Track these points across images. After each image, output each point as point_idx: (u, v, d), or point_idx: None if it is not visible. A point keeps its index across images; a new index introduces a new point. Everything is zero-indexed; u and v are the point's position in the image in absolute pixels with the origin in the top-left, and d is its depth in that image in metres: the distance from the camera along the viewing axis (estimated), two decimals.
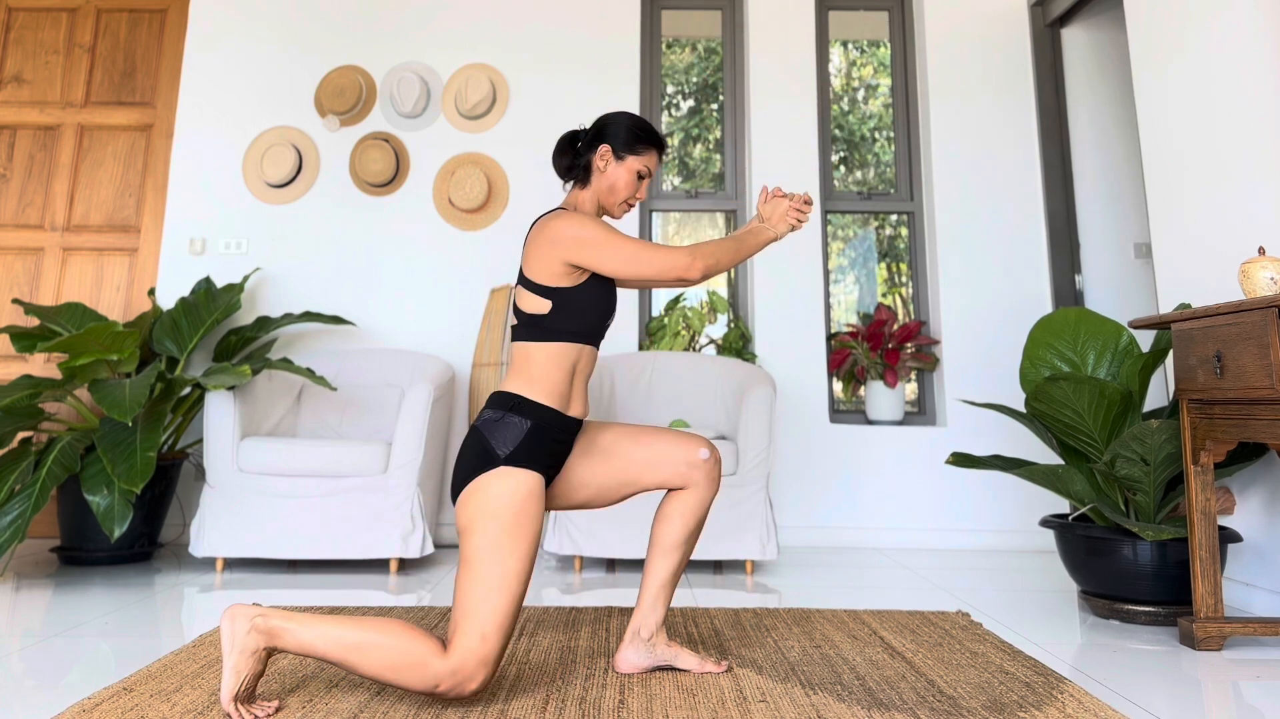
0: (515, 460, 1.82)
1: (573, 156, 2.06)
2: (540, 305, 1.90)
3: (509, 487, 1.80)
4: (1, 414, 3.16)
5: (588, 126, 2.08)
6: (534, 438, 1.85)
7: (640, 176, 2.03)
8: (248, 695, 1.70)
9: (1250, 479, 2.82)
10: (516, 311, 1.95)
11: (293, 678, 1.96)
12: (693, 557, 3.23)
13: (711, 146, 4.79)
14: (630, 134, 2.02)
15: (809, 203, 2.03)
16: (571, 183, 2.09)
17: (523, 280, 1.94)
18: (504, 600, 1.74)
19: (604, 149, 2.01)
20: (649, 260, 1.87)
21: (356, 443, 3.34)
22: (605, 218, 2.16)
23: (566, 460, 1.99)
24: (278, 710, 1.74)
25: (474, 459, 1.84)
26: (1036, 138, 4.34)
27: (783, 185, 4.27)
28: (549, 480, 1.94)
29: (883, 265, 4.84)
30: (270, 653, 1.70)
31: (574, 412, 1.95)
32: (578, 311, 1.91)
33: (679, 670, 2.03)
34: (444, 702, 1.80)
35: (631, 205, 2.06)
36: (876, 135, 4.83)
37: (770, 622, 2.51)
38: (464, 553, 1.79)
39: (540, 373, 1.90)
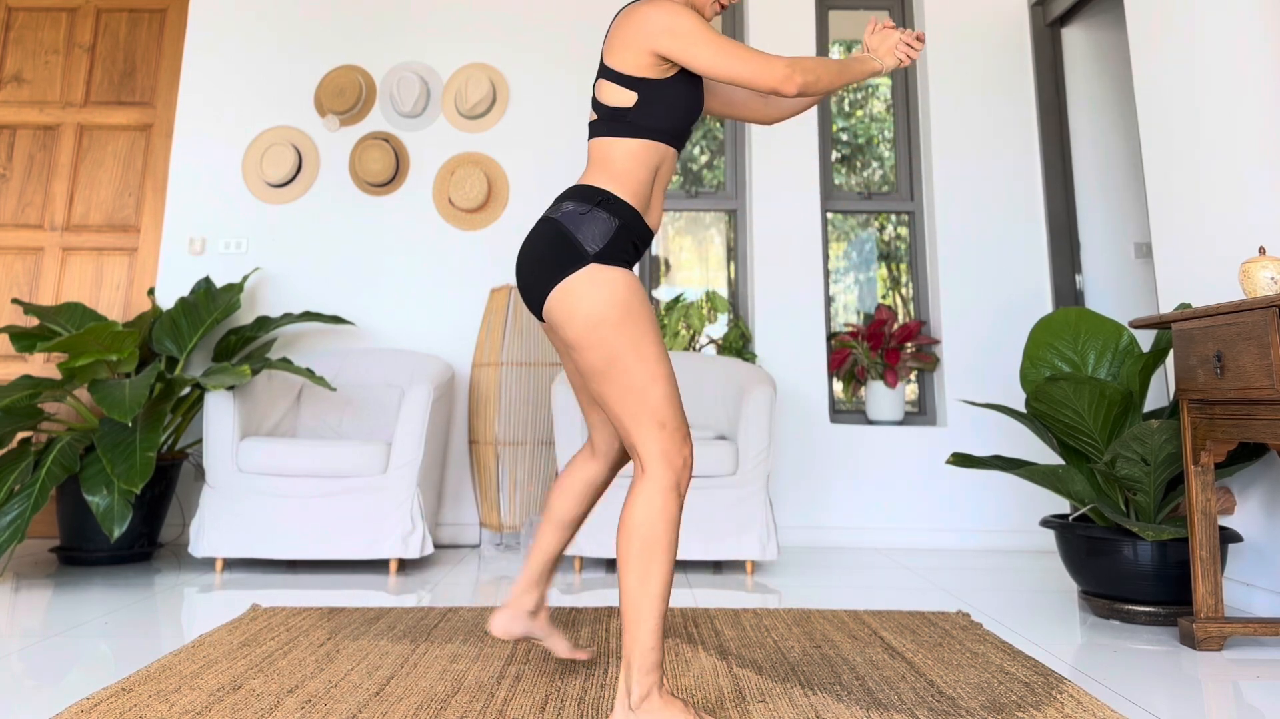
0: (605, 258, 1.67)
1: None
2: (624, 97, 1.73)
3: (609, 282, 1.66)
4: (1, 414, 3.16)
5: None
6: (620, 237, 1.70)
7: None
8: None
9: (1250, 479, 2.82)
10: (596, 105, 1.80)
11: (292, 678, 1.96)
12: (693, 556, 3.25)
13: (714, 154, 4.78)
14: None
15: (921, 39, 1.89)
16: None
17: (604, 71, 1.77)
18: (661, 384, 1.64)
19: None
20: (745, 61, 1.67)
21: (356, 443, 3.34)
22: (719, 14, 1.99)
23: None
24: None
25: (556, 256, 1.69)
26: (1036, 138, 4.34)
27: (783, 185, 4.29)
28: None
29: (883, 265, 4.84)
30: (668, 688, 1.64)
31: (651, 219, 1.80)
32: (665, 107, 1.74)
33: (546, 649, 2.03)
34: (452, 692, 1.80)
35: (726, 5, 1.88)
36: (877, 135, 4.83)
37: (770, 622, 2.51)
38: (592, 365, 1.65)
39: (623, 170, 1.74)
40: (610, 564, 3.51)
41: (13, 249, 4.24)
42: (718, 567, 3.48)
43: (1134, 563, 2.59)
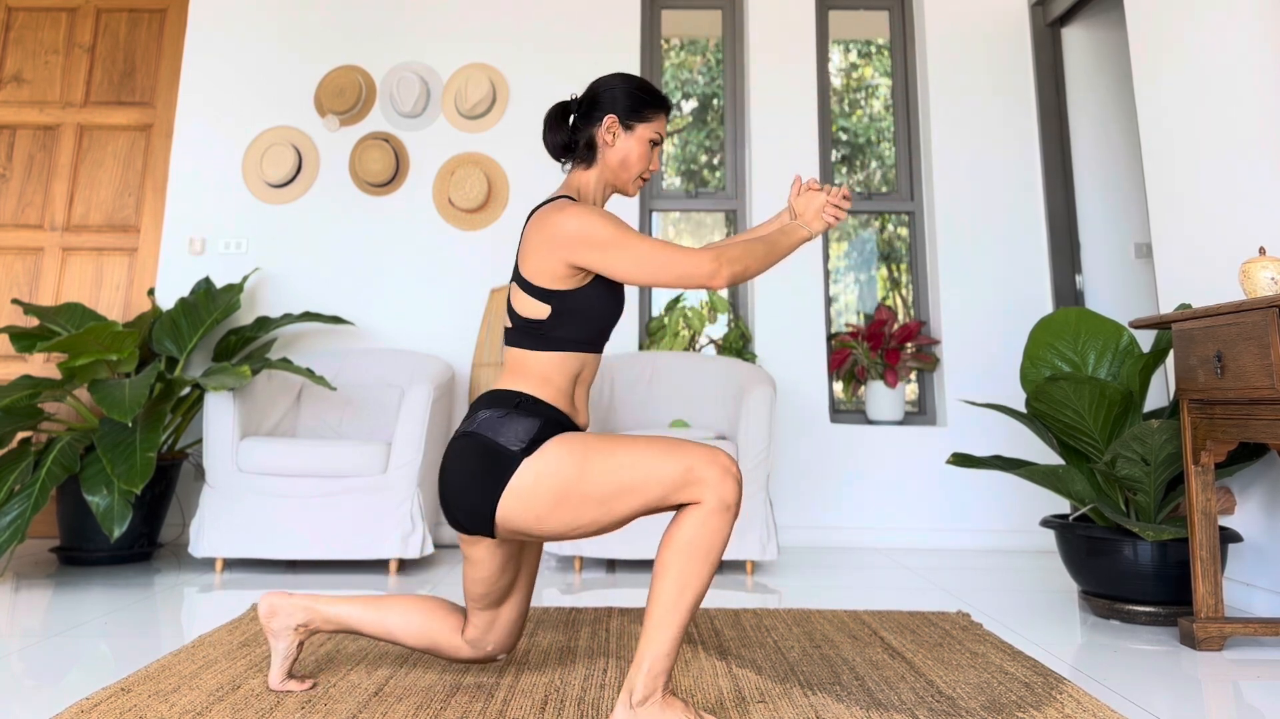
0: (533, 448, 1.61)
1: (569, 132, 1.83)
2: (538, 310, 1.69)
3: (550, 466, 1.59)
4: (1, 414, 3.16)
5: (577, 95, 1.86)
6: (546, 434, 1.64)
7: (653, 144, 1.82)
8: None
9: (1250, 479, 2.82)
10: (511, 314, 1.74)
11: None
12: None
13: (714, 154, 4.78)
14: (635, 99, 1.81)
15: (848, 198, 1.84)
16: (569, 164, 1.86)
17: (518, 279, 1.72)
18: (652, 452, 1.58)
19: (609, 120, 1.79)
20: (667, 264, 1.62)
21: (356, 443, 3.34)
22: (613, 198, 1.95)
23: None
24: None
25: (487, 469, 1.62)
26: (1037, 138, 4.34)
27: (784, 184, 4.28)
28: None
29: (883, 265, 4.84)
30: (671, 690, 1.62)
31: (580, 422, 1.78)
32: (581, 318, 1.69)
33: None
34: (451, 691, 1.80)
35: (647, 179, 1.85)
36: (877, 135, 4.83)
37: (770, 622, 2.51)
38: (579, 521, 1.60)
39: (541, 378, 1.71)
40: (610, 564, 3.50)
41: (13, 249, 4.24)
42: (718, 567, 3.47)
43: (1134, 563, 2.59)
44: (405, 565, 3.42)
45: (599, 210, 1.69)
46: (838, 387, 4.41)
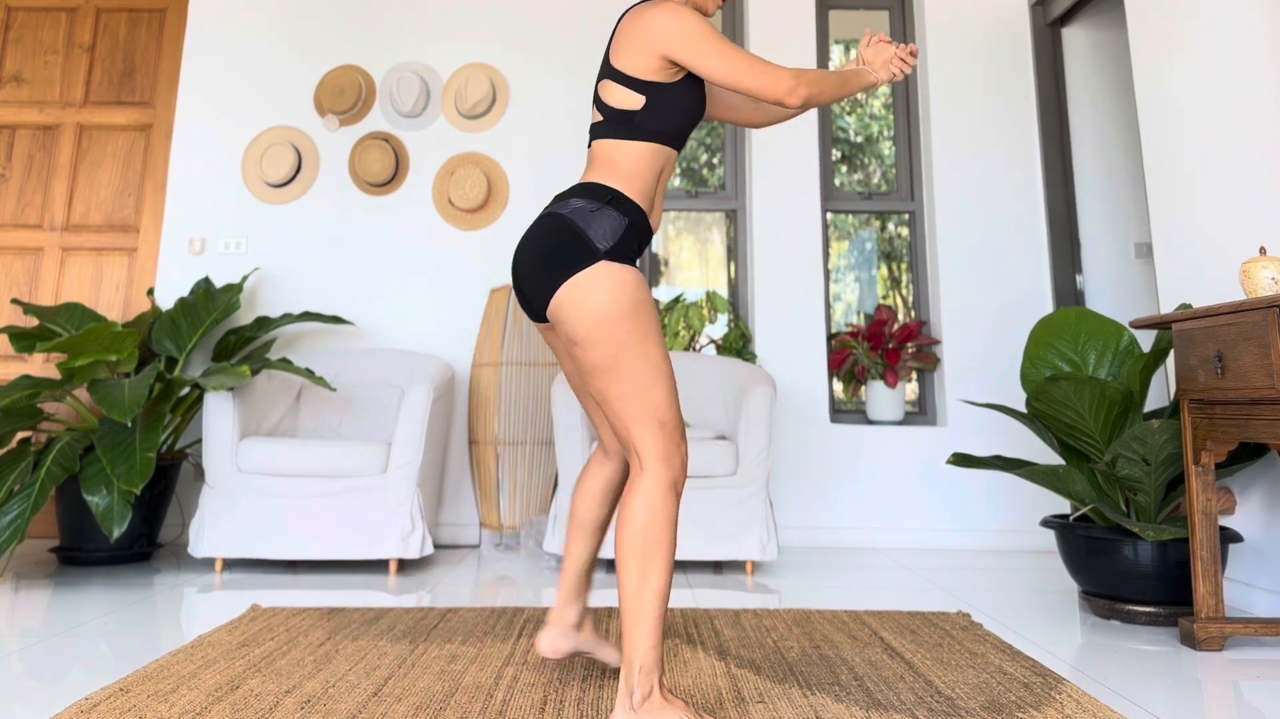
0: (615, 255, 1.66)
1: None
2: (632, 100, 1.73)
3: (618, 281, 1.64)
4: (1, 414, 3.16)
5: None
6: (629, 237, 1.69)
7: None
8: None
9: (1251, 479, 2.82)
10: (600, 105, 1.79)
11: (291, 678, 1.96)
12: (693, 556, 3.25)
13: (714, 153, 4.78)
14: None
15: (914, 54, 1.91)
16: None
17: (610, 72, 1.77)
18: (662, 383, 1.64)
19: None
20: (752, 70, 1.67)
21: (356, 443, 3.34)
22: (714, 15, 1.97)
23: None
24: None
25: (564, 252, 1.65)
26: (1036, 138, 4.34)
27: (784, 185, 4.28)
28: None
29: (883, 265, 4.84)
30: (668, 688, 1.63)
31: (654, 220, 1.80)
32: (672, 110, 1.74)
33: (600, 662, 2.00)
34: (451, 692, 1.80)
35: (723, 1, 1.90)
36: (878, 135, 4.83)
37: (770, 622, 2.51)
38: (595, 362, 1.64)
39: (631, 171, 1.73)
40: (610, 564, 3.50)
41: (12, 249, 4.24)
42: (718, 567, 3.48)
43: (1134, 563, 2.59)
44: (405, 565, 3.41)
45: (691, 11, 1.73)
46: (838, 387, 4.41)
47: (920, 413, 4.32)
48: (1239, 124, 2.81)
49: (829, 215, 4.55)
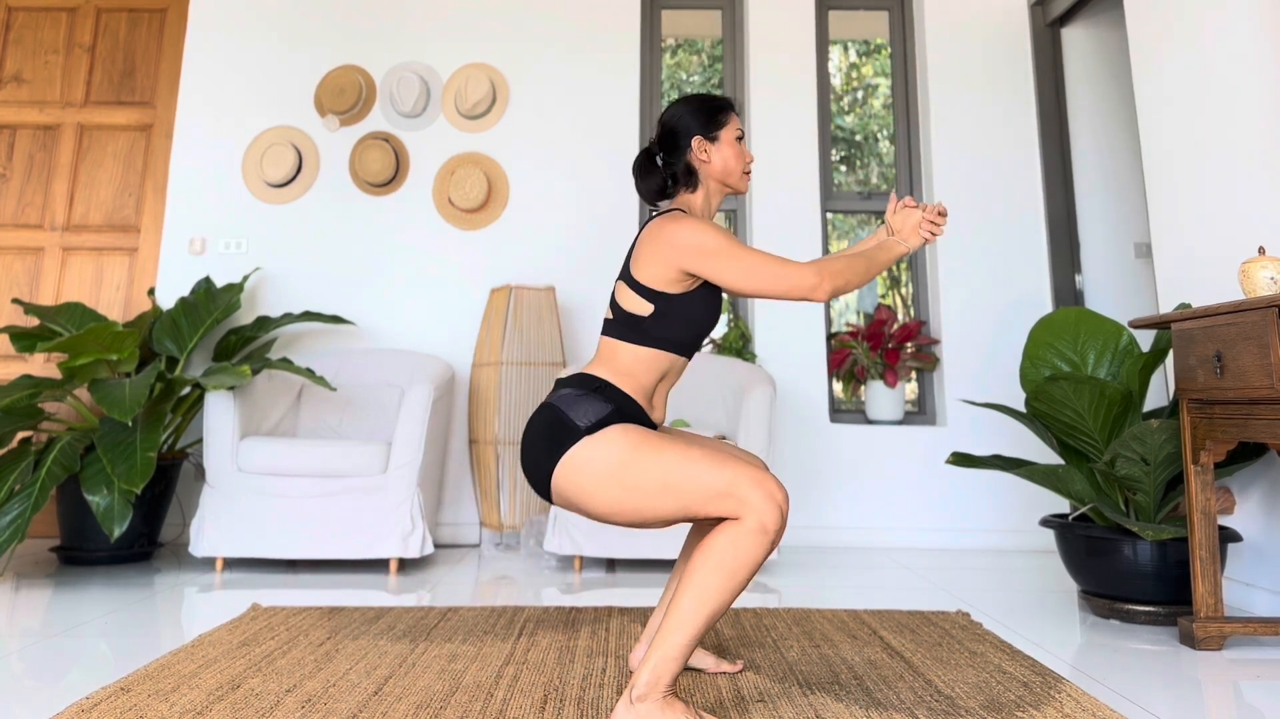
0: (598, 430, 1.70)
1: (664, 170, 1.93)
2: (642, 307, 1.80)
3: (606, 441, 1.68)
4: (1, 414, 3.16)
5: (653, 141, 1.97)
6: (614, 420, 1.73)
7: (739, 139, 1.95)
8: None
9: (1250, 479, 2.82)
10: (614, 306, 1.87)
11: (291, 677, 1.96)
12: None
13: None
14: (706, 112, 1.93)
15: (944, 214, 1.94)
16: (665, 202, 1.96)
17: (628, 279, 1.84)
18: (694, 469, 1.63)
19: (697, 141, 1.90)
20: (774, 276, 1.73)
21: (356, 443, 3.34)
22: (725, 197, 2.07)
23: None
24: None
25: (549, 439, 1.73)
26: (1036, 138, 4.34)
27: (783, 184, 4.29)
28: None
29: None
30: (674, 692, 1.64)
31: (655, 417, 1.86)
32: (680, 321, 1.81)
33: (694, 670, 2.02)
34: (450, 692, 1.80)
35: (749, 173, 1.97)
36: (878, 135, 4.83)
37: (770, 621, 2.51)
38: (630, 515, 1.68)
39: (628, 369, 1.81)
40: (610, 564, 3.51)
41: (13, 249, 4.24)
42: None
43: (1134, 563, 2.59)
44: (405, 565, 3.42)
45: (711, 223, 1.81)
46: (838, 386, 4.41)
47: (920, 413, 4.32)
48: (1238, 124, 2.81)
49: (828, 215, 4.56)
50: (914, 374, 4.34)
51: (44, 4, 4.46)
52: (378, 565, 3.39)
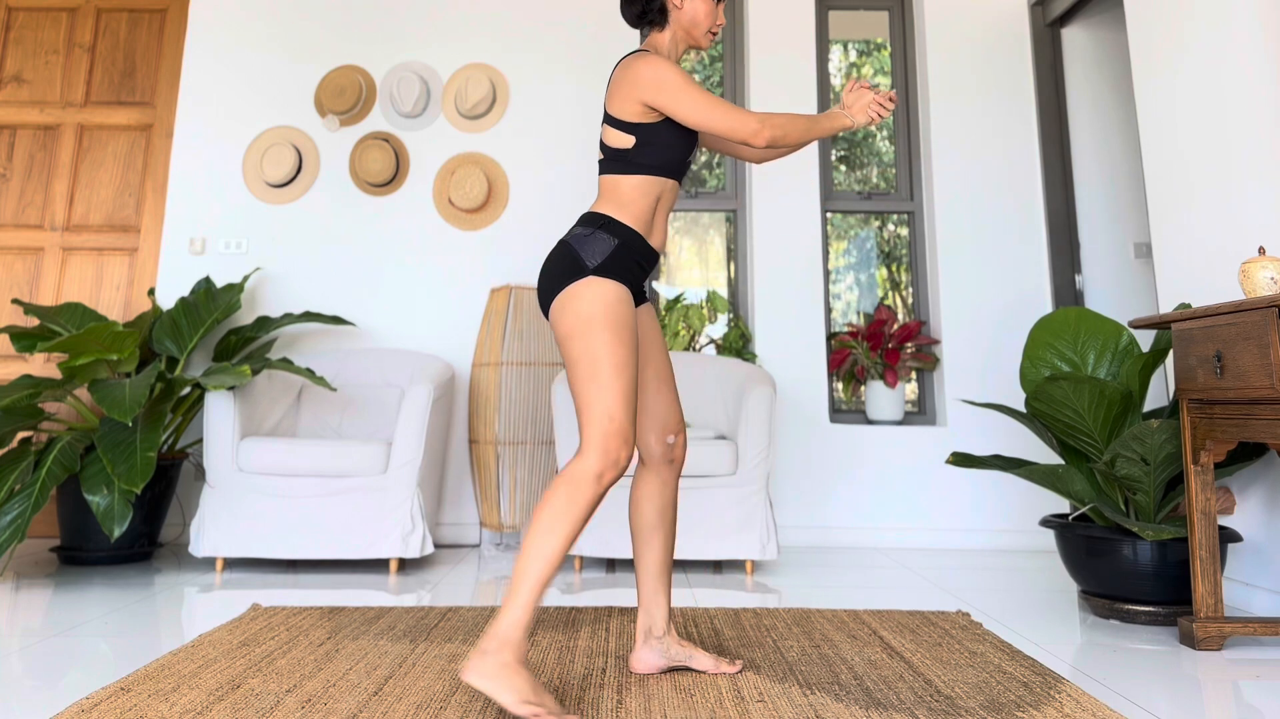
0: (603, 271, 1.88)
1: (644, 1, 2.05)
2: (624, 140, 1.96)
3: (599, 291, 1.86)
4: (1, 414, 3.16)
5: None
6: (620, 254, 1.91)
7: (717, 1, 2.05)
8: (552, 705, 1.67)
9: (1250, 479, 2.82)
10: (602, 147, 2.01)
11: (291, 677, 1.96)
12: (693, 556, 3.25)
13: (716, 159, 4.78)
14: None
15: (894, 100, 2.03)
16: (646, 27, 2.09)
17: (607, 117, 1.99)
18: (621, 383, 1.81)
19: None
20: (720, 115, 1.88)
21: (356, 443, 3.34)
22: (690, 52, 2.18)
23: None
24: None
25: (562, 269, 1.90)
26: (1036, 138, 4.34)
27: (783, 185, 4.29)
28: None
29: (883, 265, 4.84)
30: (523, 656, 1.70)
31: (654, 240, 2.00)
32: (661, 146, 1.96)
33: (694, 671, 2.02)
34: (450, 692, 1.80)
35: (716, 34, 2.09)
36: (877, 135, 4.83)
37: (770, 622, 2.51)
38: (571, 356, 1.86)
39: (627, 199, 1.96)
40: (610, 564, 3.51)
41: (13, 249, 4.24)
42: (718, 566, 3.48)
43: (1134, 563, 2.59)
44: (405, 565, 3.42)
45: (670, 63, 1.95)
46: (838, 386, 4.41)
47: (920, 413, 4.32)
48: (1238, 124, 2.81)
49: (828, 215, 4.56)
50: (914, 374, 4.34)
51: (44, 4, 4.46)
52: (378, 565, 3.39)
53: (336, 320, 3.97)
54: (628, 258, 1.92)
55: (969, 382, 4.11)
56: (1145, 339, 3.22)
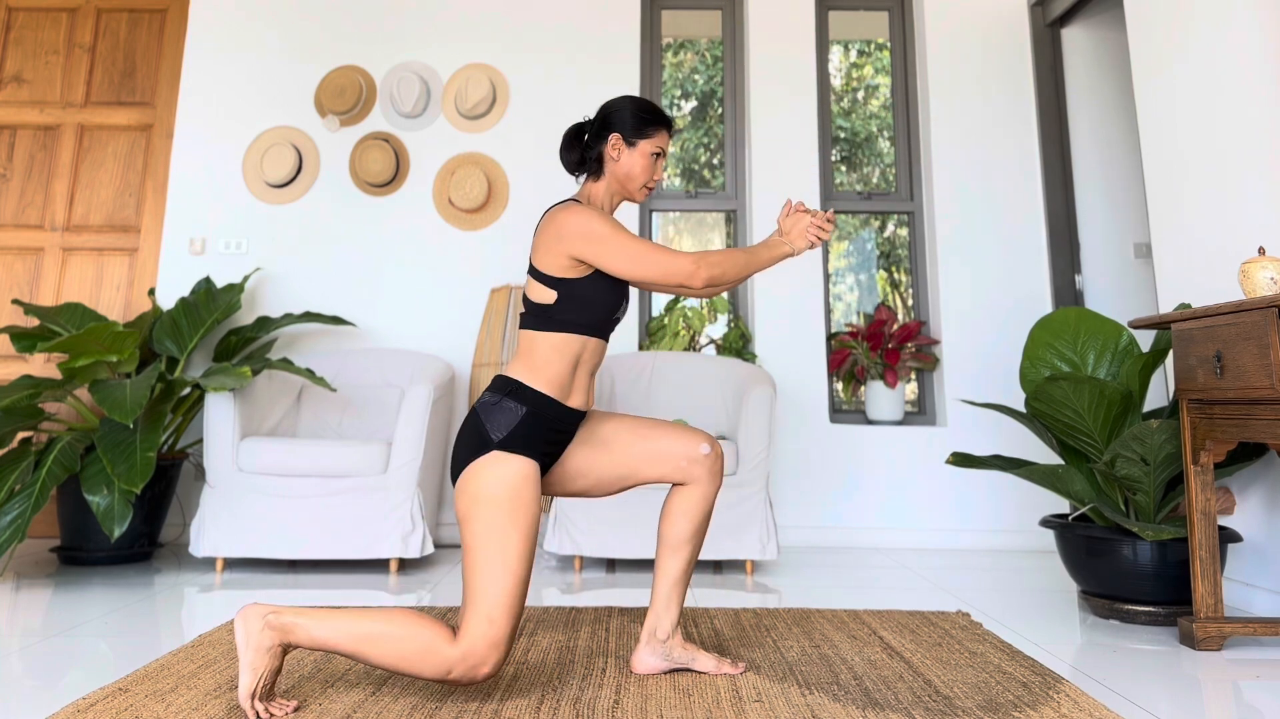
0: (509, 446, 1.82)
1: (582, 150, 2.04)
2: (546, 295, 1.91)
3: (502, 472, 1.80)
4: (1, 414, 3.16)
5: (590, 117, 2.07)
6: (529, 424, 1.85)
7: (656, 156, 2.02)
8: (266, 693, 1.72)
9: (1250, 479, 2.82)
10: (525, 300, 1.97)
11: (288, 678, 1.96)
12: None
13: (714, 154, 4.78)
14: (637, 118, 2.00)
15: (831, 220, 2.02)
16: (583, 176, 2.07)
17: (531, 270, 1.95)
18: (508, 583, 1.75)
19: (614, 138, 1.99)
20: (652, 262, 1.85)
21: (356, 443, 3.34)
22: (621, 206, 2.12)
23: (566, 448, 1.99)
24: (296, 709, 1.74)
25: (469, 443, 1.85)
26: (1036, 138, 4.34)
27: (783, 185, 4.28)
28: (546, 468, 1.94)
29: (883, 265, 4.83)
30: (286, 650, 1.72)
31: (574, 403, 1.95)
32: (584, 304, 1.90)
33: (696, 672, 2.02)
34: (447, 692, 1.80)
35: (651, 188, 2.05)
36: (878, 135, 4.83)
37: (770, 622, 2.51)
38: (465, 540, 1.79)
39: (543, 361, 1.90)
40: (610, 564, 3.51)
41: (13, 249, 4.24)
42: (718, 566, 3.48)
43: (1134, 563, 2.59)
44: (405, 565, 3.42)
45: (600, 213, 1.91)
46: (838, 387, 4.41)
47: (920, 413, 4.32)
48: (1238, 124, 2.81)
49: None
50: (914, 374, 4.34)
51: (44, 4, 4.46)
52: (378, 565, 3.39)
53: (336, 321, 3.97)
54: (537, 427, 1.86)
55: (969, 382, 4.11)
56: (1145, 339, 3.22)
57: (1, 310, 4.16)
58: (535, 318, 1.93)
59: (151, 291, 4.04)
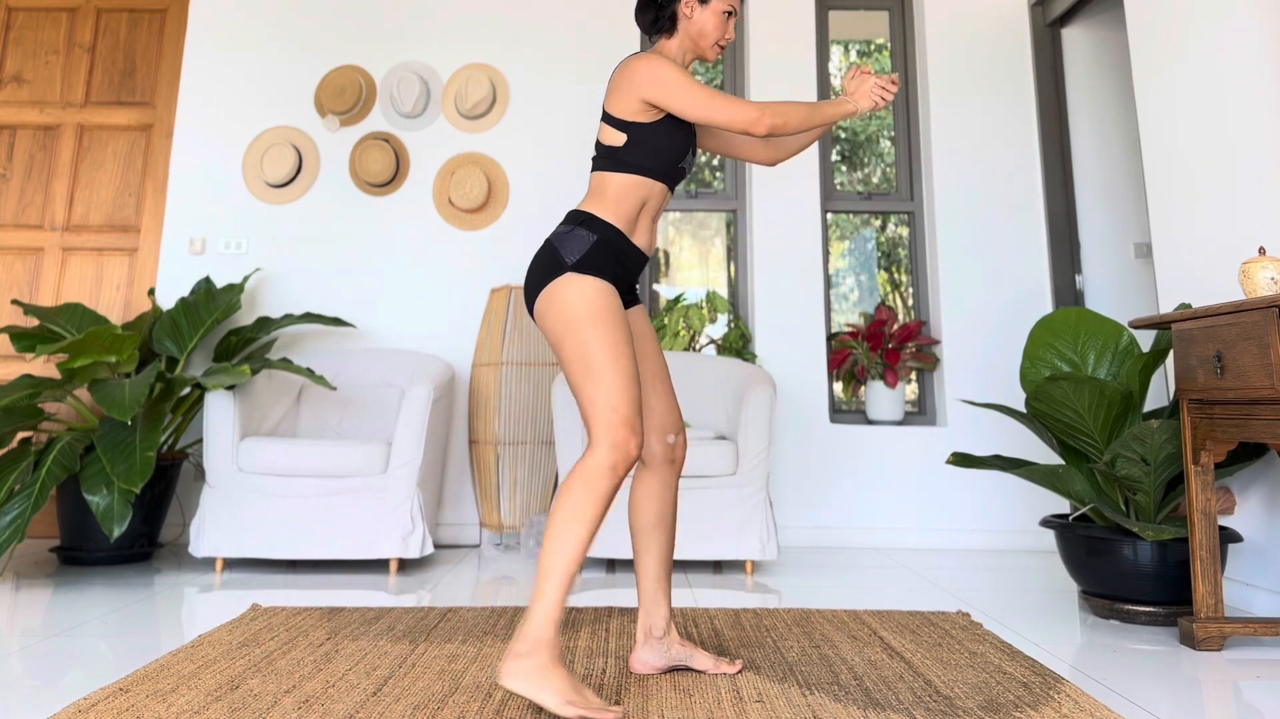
0: (582, 268, 1.89)
1: (656, 9, 2.07)
2: (616, 138, 1.97)
3: (581, 288, 1.87)
4: (1, 414, 3.16)
5: None
6: (599, 249, 1.91)
7: (728, 15, 2.06)
8: (585, 693, 1.70)
9: (1250, 479, 2.82)
10: (597, 145, 2.03)
11: (290, 678, 1.96)
12: (693, 556, 3.25)
13: (716, 159, 4.78)
14: None
15: (895, 82, 2.03)
16: (657, 34, 2.10)
17: (603, 114, 2.01)
18: (618, 375, 1.81)
19: None
20: (720, 107, 1.90)
21: (356, 443, 3.34)
22: (695, 64, 2.16)
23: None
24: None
25: (543, 268, 1.92)
26: (1036, 138, 4.34)
27: (783, 185, 4.28)
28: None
29: (883, 265, 4.83)
30: (558, 655, 1.71)
31: (638, 240, 2.00)
32: (652, 148, 1.96)
33: (694, 671, 2.02)
34: (449, 692, 1.80)
35: (723, 47, 2.10)
36: (878, 135, 4.83)
37: (770, 622, 2.51)
38: (564, 357, 1.87)
39: (612, 199, 1.96)
40: (610, 564, 3.51)
41: (13, 249, 4.24)
42: (718, 567, 3.48)
43: (1134, 563, 2.59)
44: (405, 565, 3.42)
45: (671, 61, 1.97)
46: (838, 387, 4.41)
47: (920, 413, 4.32)
48: (1238, 124, 2.81)
49: (829, 215, 4.55)
50: (914, 374, 4.34)
51: (44, 4, 4.46)
52: (378, 566, 3.39)
53: (336, 322, 3.96)
54: (607, 254, 1.92)
55: (969, 382, 4.11)
56: (1145, 339, 3.22)
57: (1, 310, 4.16)
58: (605, 159, 2.00)
59: (151, 292, 4.04)
